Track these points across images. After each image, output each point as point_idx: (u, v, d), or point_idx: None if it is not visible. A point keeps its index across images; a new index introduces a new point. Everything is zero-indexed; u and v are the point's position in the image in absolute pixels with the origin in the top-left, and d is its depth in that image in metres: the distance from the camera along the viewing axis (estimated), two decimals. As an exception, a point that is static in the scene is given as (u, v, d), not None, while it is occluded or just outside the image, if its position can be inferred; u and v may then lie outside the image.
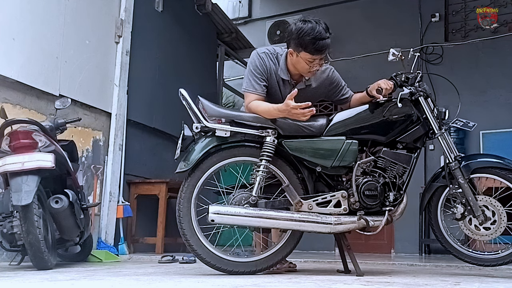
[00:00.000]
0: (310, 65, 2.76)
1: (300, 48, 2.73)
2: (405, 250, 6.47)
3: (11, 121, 3.19)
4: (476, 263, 2.80)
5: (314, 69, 2.79)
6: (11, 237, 2.96)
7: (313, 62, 2.75)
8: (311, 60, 2.74)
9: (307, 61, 2.75)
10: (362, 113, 2.84)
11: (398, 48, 2.90)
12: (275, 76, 2.87)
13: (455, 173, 2.78)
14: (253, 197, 2.65)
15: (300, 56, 2.75)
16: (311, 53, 2.72)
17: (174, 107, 4.05)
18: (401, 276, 2.75)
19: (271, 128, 2.73)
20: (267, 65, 2.85)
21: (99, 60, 4.75)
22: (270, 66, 2.85)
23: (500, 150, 5.65)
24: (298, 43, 2.73)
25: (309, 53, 2.72)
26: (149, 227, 5.11)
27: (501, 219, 2.72)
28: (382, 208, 2.74)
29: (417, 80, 2.86)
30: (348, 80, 3.20)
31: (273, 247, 2.76)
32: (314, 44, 2.69)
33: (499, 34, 6.50)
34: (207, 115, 2.72)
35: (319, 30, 2.69)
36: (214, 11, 6.68)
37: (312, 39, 2.68)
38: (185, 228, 2.66)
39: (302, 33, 2.70)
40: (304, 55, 2.74)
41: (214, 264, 2.66)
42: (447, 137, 2.84)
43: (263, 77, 2.84)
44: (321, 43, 2.69)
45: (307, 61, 2.75)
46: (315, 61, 2.75)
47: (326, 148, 2.75)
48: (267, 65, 2.85)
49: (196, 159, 2.66)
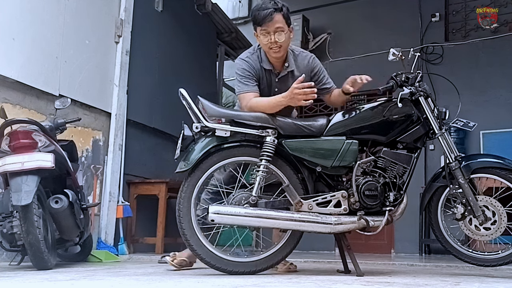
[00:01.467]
0: (267, 40, 2.82)
1: (254, 25, 2.88)
2: (405, 250, 6.47)
3: (11, 121, 3.19)
4: (476, 263, 2.80)
5: (273, 44, 2.83)
6: (11, 237, 2.95)
7: (267, 36, 2.82)
8: (264, 33, 2.83)
9: (262, 36, 2.84)
10: (362, 113, 2.83)
11: (398, 48, 2.90)
12: (262, 71, 2.94)
13: (455, 173, 2.78)
14: (253, 197, 2.65)
15: (257, 34, 2.88)
16: (259, 24, 2.83)
17: (174, 107, 4.05)
18: (401, 276, 2.75)
19: (271, 128, 2.73)
20: (253, 65, 2.92)
21: (99, 60, 4.75)
22: (255, 65, 2.92)
23: (500, 150, 5.65)
24: (253, 22, 2.89)
25: (258, 25, 2.84)
26: (149, 227, 5.11)
27: (501, 220, 2.72)
28: (382, 208, 2.74)
29: (417, 80, 2.86)
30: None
31: (273, 247, 2.76)
32: (258, 15, 2.82)
33: (499, 34, 6.50)
34: (207, 115, 2.72)
35: (264, 2, 2.87)
36: (214, 11, 6.68)
37: (256, 10, 2.85)
38: (185, 228, 2.66)
39: (252, 11, 2.91)
40: (259, 30, 2.86)
41: (213, 264, 2.66)
42: (448, 137, 2.83)
43: (254, 77, 2.90)
44: (263, 12, 2.81)
45: (262, 35, 2.84)
46: (269, 35, 2.82)
47: (326, 148, 2.75)
48: (253, 65, 2.91)
49: (196, 159, 2.66)
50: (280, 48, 2.85)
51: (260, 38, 2.88)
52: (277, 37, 2.82)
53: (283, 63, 2.95)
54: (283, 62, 2.95)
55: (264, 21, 2.81)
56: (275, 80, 2.95)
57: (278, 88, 2.92)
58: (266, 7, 2.82)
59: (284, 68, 2.95)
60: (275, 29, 2.82)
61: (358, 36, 7.38)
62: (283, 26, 2.84)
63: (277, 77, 2.94)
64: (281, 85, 2.92)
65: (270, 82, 2.95)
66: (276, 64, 2.95)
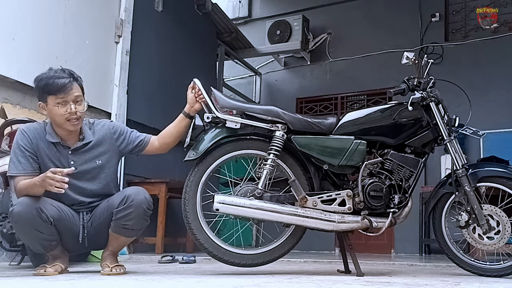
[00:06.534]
0: (65, 110, 2.55)
1: (45, 95, 2.57)
2: (405, 250, 6.47)
3: (11, 121, 3.19)
4: (477, 273, 2.76)
5: (73, 115, 2.57)
6: (11, 237, 2.96)
7: (65, 106, 2.56)
8: (62, 103, 2.55)
9: (60, 106, 2.56)
10: (372, 114, 2.85)
11: (412, 53, 2.91)
12: (45, 144, 2.62)
13: (461, 181, 2.77)
14: (258, 190, 2.67)
15: (49, 103, 2.57)
16: (55, 94, 2.54)
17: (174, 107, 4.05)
18: (401, 276, 2.75)
19: (281, 122, 2.75)
20: (31, 139, 2.60)
21: (99, 60, 4.75)
22: (35, 140, 2.61)
23: (500, 150, 5.65)
24: (41, 91, 2.58)
25: (53, 95, 2.54)
26: (149, 227, 5.06)
27: (505, 230, 2.70)
28: (386, 210, 2.75)
29: (429, 86, 2.87)
30: (348, 80, 3.21)
31: (273, 242, 2.78)
32: (53, 83, 2.54)
33: (499, 34, 6.51)
34: (219, 106, 2.74)
35: (55, 71, 2.60)
36: (214, 11, 6.68)
37: (48, 78, 2.56)
38: (189, 211, 2.69)
39: (40, 80, 2.58)
40: (52, 100, 2.55)
41: (211, 251, 2.68)
42: (456, 144, 2.83)
43: (30, 155, 2.58)
44: (61, 80, 2.55)
45: (60, 106, 2.56)
46: (68, 104, 2.56)
47: (334, 147, 2.76)
48: (31, 139, 2.60)
49: (205, 149, 2.68)
50: (79, 120, 2.61)
51: (54, 108, 2.56)
52: (77, 107, 2.58)
53: (78, 135, 2.68)
54: (78, 134, 2.68)
55: (63, 90, 2.54)
56: (68, 153, 2.64)
57: (74, 160, 2.64)
58: (61, 76, 2.57)
59: (80, 140, 2.68)
60: (74, 98, 2.57)
61: (358, 36, 7.38)
62: (81, 95, 2.63)
63: (70, 149, 2.65)
64: (76, 157, 2.65)
65: (59, 155, 2.62)
66: (67, 137, 2.65)
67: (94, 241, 2.69)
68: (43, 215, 2.46)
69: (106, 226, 2.62)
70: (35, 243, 2.56)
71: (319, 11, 7.71)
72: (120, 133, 2.81)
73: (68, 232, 2.61)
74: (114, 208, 2.57)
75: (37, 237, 2.51)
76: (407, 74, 2.98)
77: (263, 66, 8.18)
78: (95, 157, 2.69)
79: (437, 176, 5.85)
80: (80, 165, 2.65)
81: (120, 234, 2.62)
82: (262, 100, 8.02)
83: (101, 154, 2.73)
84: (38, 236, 2.50)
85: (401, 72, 3.30)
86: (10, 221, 2.58)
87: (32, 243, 2.59)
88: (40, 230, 2.48)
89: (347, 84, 7.28)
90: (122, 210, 2.55)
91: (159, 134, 2.90)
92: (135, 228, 2.61)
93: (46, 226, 2.49)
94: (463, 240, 2.85)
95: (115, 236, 2.63)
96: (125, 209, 2.55)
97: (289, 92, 7.88)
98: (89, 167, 2.68)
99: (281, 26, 7.51)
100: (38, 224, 2.46)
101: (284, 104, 6.69)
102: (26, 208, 2.43)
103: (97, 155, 2.70)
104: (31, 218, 2.43)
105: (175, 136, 2.85)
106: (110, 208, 2.61)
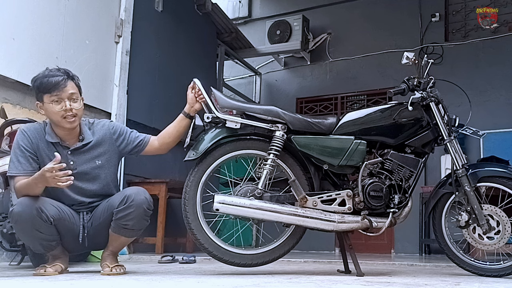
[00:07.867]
0: (61, 108, 2.56)
1: (40, 94, 2.58)
2: (405, 250, 6.47)
3: (11, 121, 3.20)
4: (477, 273, 2.76)
5: (68, 112, 2.56)
6: (11, 237, 2.96)
7: (60, 103, 2.56)
8: (56, 100, 2.56)
9: (54, 104, 2.56)
10: (372, 114, 2.85)
11: (412, 53, 2.90)
12: (45, 145, 2.62)
13: (461, 181, 2.77)
14: (258, 190, 2.68)
15: (45, 102, 2.58)
16: (49, 92, 2.55)
17: (174, 107, 4.05)
18: (401, 276, 2.75)
19: (281, 122, 2.75)
20: (32, 139, 2.61)
21: (99, 60, 4.75)
22: (35, 140, 2.62)
23: (500, 150, 5.66)
24: (37, 91, 2.59)
25: (47, 93, 2.56)
26: (149, 227, 5.06)
27: (505, 230, 2.71)
28: (386, 210, 2.75)
29: (429, 86, 2.87)
30: (348, 80, 3.21)
31: (273, 242, 2.78)
32: (48, 81, 2.55)
33: (499, 34, 6.51)
34: (219, 106, 2.75)
35: (49, 70, 2.61)
36: (214, 11, 6.68)
37: (43, 77, 2.57)
38: (188, 211, 2.69)
39: (35, 80, 2.60)
40: (47, 98, 2.57)
41: (211, 251, 2.68)
42: (456, 144, 2.83)
43: (30, 155, 2.58)
44: (54, 78, 2.55)
45: (54, 103, 2.56)
46: (63, 101, 2.56)
47: (334, 147, 2.77)
48: (31, 139, 2.61)
49: (205, 149, 2.68)
50: (75, 117, 2.59)
51: (50, 106, 2.57)
52: (72, 104, 2.58)
53: (78, 135, 2.68)
54: (78, 134, 2.69)
55: (57, 88, 2.55)
56: (68, 153, 2.64)
57: (73, 160, 2.63)
58: (56, 74, 2.58)
59: (80, 140, 2.68)
60: (69, 95, 2.57)
61: (358, 36, 7.38)
62: (77, 93, 2.62)
63: (69, 149, 2.64)
64: (76, 158, 2.65)
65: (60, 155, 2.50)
66: (66, 136, 2.66)
67: (94, 241, 2.69)
68: (43, 215, 2.46)
69: (106, 226, 2.62)
70: (35, 243, 2.57)
71: (319, 11, 7.71)
72: (120, 133, 2.80)
73: (68, 232, 2.61)
74: (114, 208, 2.58)
75: (37, 237, 2.51)
76: (407, 74, 2.98)
77: (263, 66, 8.18)
78: (95, 157, 2.70)
79: (437, 176, 5.85)
80: (80, 165, 2.65)
81: (120, 234, 2.62)
82: (262, 100, 8.02)
83: (101, 154, 2.72)
84: (38, 236, 2.50)
85: (401, 72, 3.30)
86: (10, 221, 2.58)
87: (32, 243, 2.59)
88: (40, 230, 2.49)
89: (347, 84, 7.28)
90: (122, 210, 2.55)
91: (159, 134, 2.90)
92: (135, 228, 2.62)
93: (46, 226, 2.49)
94: (463, 240, 2.85)
95: (115, 236, 2.63)
96: (125, 209, 2.55)
97: (289, 92, 7.88)
98: (89, 167, 2.68)
99: (281, 26, 7.51)
100: (38, 224, 2.46)
101: (284, 104, 6.71)
102: (26, 208, 2.44)
103: (97, 155, 2.70)
104: (31, 218, 2.44)
105: (175, 136, 2.85)
106: (110, 208, 2.61)
